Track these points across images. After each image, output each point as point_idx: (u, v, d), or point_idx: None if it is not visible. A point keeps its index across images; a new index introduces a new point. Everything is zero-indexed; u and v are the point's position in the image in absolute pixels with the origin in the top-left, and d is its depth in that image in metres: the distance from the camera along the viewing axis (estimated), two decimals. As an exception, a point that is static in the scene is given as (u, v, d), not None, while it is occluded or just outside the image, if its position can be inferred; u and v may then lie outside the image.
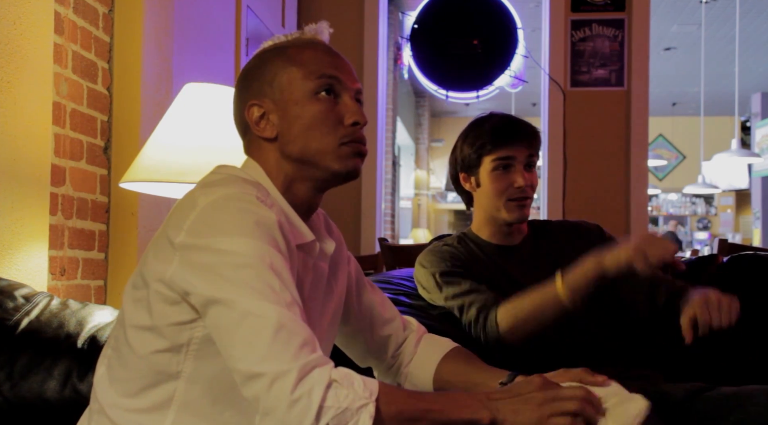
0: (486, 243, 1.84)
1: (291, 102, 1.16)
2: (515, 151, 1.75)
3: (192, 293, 1.03)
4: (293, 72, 1.17)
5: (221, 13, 3.20)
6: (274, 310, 0.98)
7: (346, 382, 0.97)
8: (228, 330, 0.99)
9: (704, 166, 9.56)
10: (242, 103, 1.21)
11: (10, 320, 1.55)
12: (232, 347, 0.99)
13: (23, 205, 1.81)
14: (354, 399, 0.96)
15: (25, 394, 1.51)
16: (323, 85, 1.17)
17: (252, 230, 1.03)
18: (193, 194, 1.09)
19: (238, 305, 0.99)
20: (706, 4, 6.85)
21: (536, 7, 5.09)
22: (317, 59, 1.18)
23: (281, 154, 1.18)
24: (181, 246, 1.04)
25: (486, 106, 7.77)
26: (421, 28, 4.59)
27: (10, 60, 1.77)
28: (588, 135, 4.21)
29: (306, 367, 0.96)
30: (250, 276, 1.00)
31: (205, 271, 1.01)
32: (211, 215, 1.04)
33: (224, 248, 1.01)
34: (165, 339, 1.08)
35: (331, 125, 1.16)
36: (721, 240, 3.10)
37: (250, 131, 1.21)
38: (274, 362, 0.96)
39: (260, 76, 1.19)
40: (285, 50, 1.20)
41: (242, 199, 1.05)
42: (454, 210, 12.82)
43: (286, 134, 1.17)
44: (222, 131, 1.88)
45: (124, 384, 1.11)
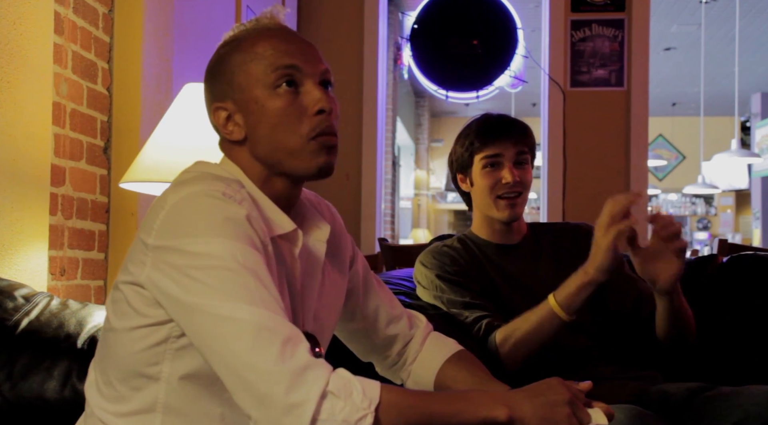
0: (486, 242, 1.84)
1: (252, 101, 1.10)
2: (502, 148, 1.76)
3: (165, 298, 1.01)
4: (250, 67, 1.10)
5: (221, 13, 3.20)
6: (250, 312, 0.96)
7: (343, 392, 0.95)
8: (207, 336, 0.97)
9: (704, 166, 9.56)
10: (208, 106, 1.16)
11: (10, 320, 1.55)
12: (213, 354, 0.97)
13: (23, 205, 1.81)
14: (351, 411, 0.94)
15: (25, 394, 1.51)
16: (281, 78, 1.09)
17: (221, 228, 1.00)
18: (164, 193, 1.07)
19: (213, 310, 0.96)
20: (706, 4, 6.85)
21: (536, 7, 5.09)
22: (272, 49, 1.10)
23: (253, 156, 1.13)
24: (153, 247, 1.02)
25: (486, 107, 7.76)
26: (421, 28, 4.58)
27: (10, 60, 1.77)
28: (588, 135, 4.21)
29: (297, 370, 0.94)
30: (222, 278, 0.97)
31: (177, 275, 0.99)
32: (178, 215, 1.01)
33: (193, 250, 0.98)
34: (142, 340, 1.06)
35: (294, 120, 1.09)
36: (720, 240, 3.10)
37: (221, 135, 1.16)
38: (259, 367, 0.94)
39: (220, 74, 1.14)
40: (239, 43, 1.13)
41: (209, 195, 1.02)
42: (454, 210, 12.82)
43: (253, 135, 1.12)
44: (222, 131, 1.89)
45: (109, 389, 1.10)
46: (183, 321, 1.01)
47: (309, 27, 4.29)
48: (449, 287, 1.75)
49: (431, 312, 1.77)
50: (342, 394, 0.95)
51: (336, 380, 0.96)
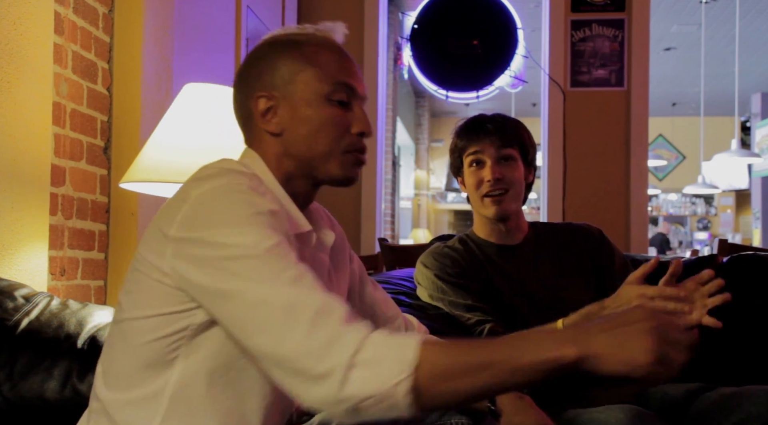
0: (486, 243, 1.84)
1: (303, 102, 1.15)
2: (482, 146, 1.77)
3: (194, 287, 1.02)
4: (308, 72, 1.16)
5: (221, 13, 3.20)
6: (280, 293, 0.97)
7: (373, 361, 0.92)
8: (240, 322, 0.98)
9: (704, 166, 9.55)
10: (249, 92, 1.18)
11: (10, 320, 1.55)
12: (248, 338, 0.98)
13: (23, 205, 1.81)
14: (383, 380, 0.92)
15: (25, 394, 1.51)
16: (337, 92, 1.16)
17: (246, 219, 1.01)
18: (185, 187, 1.08)
19: (245, 297, 0.97)
20: (706, 4, 6.85)
21: (536, 7, 5.09)
22: (334, 63, 1.17)
23: (284, 150, 1.17)
24: (175, 239, 1.03)
25: (486, 107, 7.76)
26: (421, 28, 4.58)
27: (10, 60, 1.77)
28: (588, 135, 4.21)
29: (326, 341, 0.93)
30: (252, 266, 0.98)
31: (206, 265, 1.00)
32: (204, 207, 1.03)
33: (221, 240, 1.00)
34: (161, 328, 1.06)
35: (339, 132, 1.16)
36: (721, 240, 3.10)
37: (254, 122, 1.19)
38: (290, 344, 0.94)
39: (272, 68, 1.17)
40: (300, 46, 1.17)
41: (234, 189, 1.04)
42: (454, 210, 12.82)
43: (293, 132, 1.16)
44: (222, 131, 1.88)
45: (116, 379, 1.11)
46: (215, 309, 1.01)
47: (309, 27, 4.29)
48: (451, 289, 1.75)
49: (431, 312, 1.77)
50: (371, 363, 0.93)
51: (368, 347, 0.94)
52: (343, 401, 0.93)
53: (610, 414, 1.41)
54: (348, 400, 0.92)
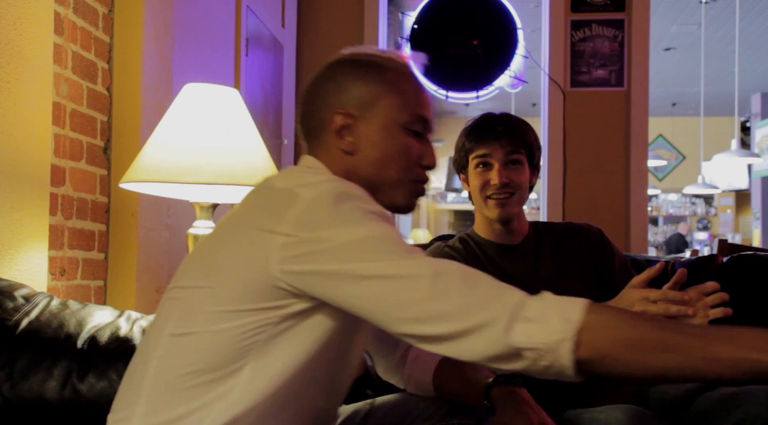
0: (487, 242, 1.84)
1: (380, 126, 1.17)
2: (491, 149, 1.77)
3: (322, 281, 1.00)
4: (391, 98, 1.18)
5: (221, 13, 3.20)
6: (422, 264, 0.98)
7: (540, 316, 0.93)
8: (386, 300, 0.98)
9: (704, 166, 9.56)
10: (326, 105, 1.19)
11: (10, 320, 1.55)
12: (397, 313, 0.98)
13: (23, 205, 1.81)
14: (548, 333, 0.92)
15: (25, 394, 1.51)
16: (415, 124, 1.19)
17: (370, 218, 1.02)
18: (286, 187, 1.06)
19: (388, 272, 0.98)
20: (706, 4, 6.85)
21: (536, 7, 5.09)
22: (415, 94, 1.20)
23: (351, 169, 1.18)
24: (292, 236, 1.01)
25: (486, 107, 7.75)
26: (421, 28, 4.58)
27: (10, 60, 1.77)
28: (588, 135, 4.21)
29: (486, 296, 0.95)
30: (384, 247, 0.99)
31: (338, 257, 0.99)
32: (323, 207, 1.02)
33: (349, 236, 1.00)
34: (228, 336, 1.04)
35: (410, 162, 1.18)
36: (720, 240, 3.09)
37: (325, 135, 1.19)
38: (448, 305, 0.95)
39: (353, 87, 1.19)
40: (385, 71, 1.20)
41: (351, 192, 1.05)
42: (454, 210, 12.82)
43: (365, 154, 1.18)
44: (222, 131, 1.88)
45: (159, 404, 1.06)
46: (350, 297, 1.00)
47: (309, 27, 4.29)
48: None
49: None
50: (539, 318, 0.94)
51: (532, 305, 0.95)
52: (508, 348, 0.93)
53: (610, 414, 1.41)
54: (512, 347, 0.93)
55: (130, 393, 1.09)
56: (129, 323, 1.65)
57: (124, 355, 1.56)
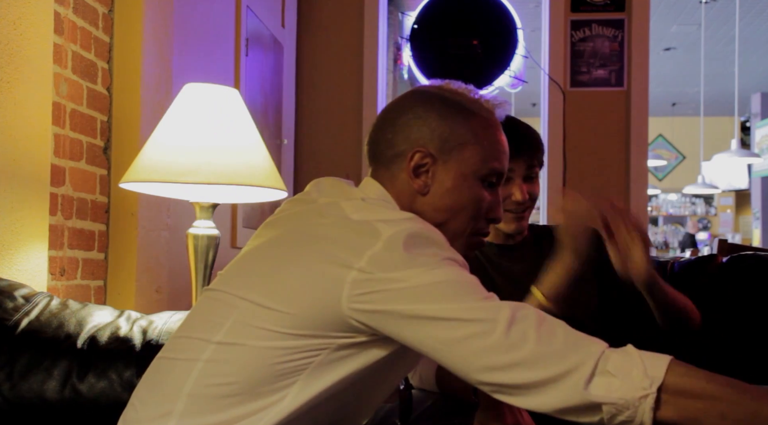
0: (487, 243, 1.84)
1: (459, 174, 1.15)
2: (514, 165, 1.73)
3: (393, 320, 0.99)
4: (474, 148, 1.16)
5: (221, 13, 3.20)
6: (500, 308, 0.96)
7: (621, 370, 0.92)
8: (459, 343, 0.95)
9: (704, 166, 9.56)
10: (406, 140, 1.16)
11: (10, 320, 1.55)
12: (466, 359, 0.96)
13: (23, 205, 1.81)
14: (629, 389, 0.91)
15: (25, 394, 1.51)
16: (490, 176, 1.17)
17: (447, 262, 1.01)
18: (363, 219, 1.04)
19: (460, 316, 0.95)
20: (706, 4, 6.85)
21: (536, 7, 5.09)
22: (497, 146, 1.18)
23: (419, 210, 1.15)
24: (367, 273, 0.99)
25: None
26: (421, 28, 4.58)
27: (10, 60, 1.77)
28: (588, 135, 4.21)
29: (566, 344, 0.93)
30: (458, 289, 0.97)
31: (410, 298, 0.97)
32: (403, 247, 1.00)
33: (426, 277, 0.98)
34: (281, 358, 1.02)
35: (474, 213, 1.16)
36: (720, 240, 3.10)
37: (399, 168, 1.16)
38: (526, 352, 0.93)
39: (438, 127, 1.15)
40: (474, 117, 1.17)
41: (432, 236, 1.03)
42: (453, 210, 12.80)
43: (436, 198, 1.15)
44: (222, 131, 1.88)
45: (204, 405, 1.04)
46: (425, 335, 0.98)
47: (309, 27, 4.29)
48: None
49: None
50: (619, 372, 0.92)
51: (614, 358, 0.93)
52: (585, 401, 0.91)
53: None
54: (590, 401, 0.91)
55: (169, 392, 1.06)
56: (129, 323, 1.65)
57: (124, 355, 1.56)
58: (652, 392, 0.90)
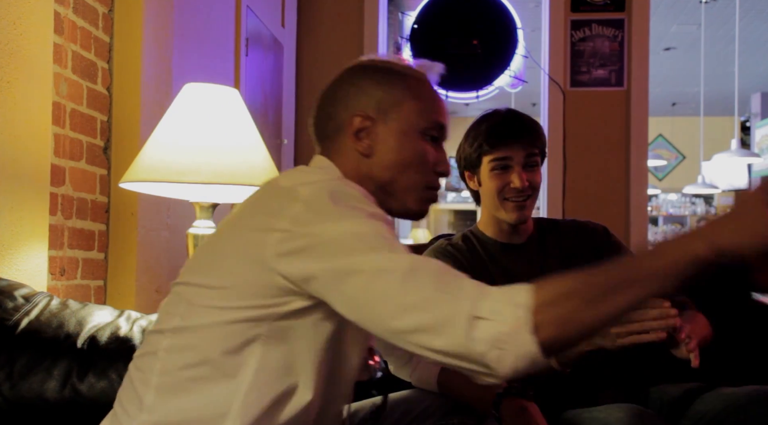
0: (491, 241, 1.83)
1: (399, 131, 1.19)
2: (512, 152, 1.73)
3: (307, 275, 1.01)
4: (411, 104, 1.20)
5: (221, 13, 3.20)
6: (400, 259, 0.97)
7: (492, 312, 0.92)
8: (363, 295, 0.97)
9: (704, 166, 9.55)
10: (345, 108, 1.20)
11: (10, 320, 1.55)
12: (373, 309, 0.97)
13: (23, 205, 1.81)
14: (504, 327, 0.91)
15: (25, 394, 1.51)
16: (432, 130, 1.20)
17: (361, 214, 1.03)
18: (289, 186, 1.07)
19: (365, 267, 0.97)
20: (706, 4, 6.85)
21: (536, 7, 5.09)
22: (434, 101, 1.22)
23: (367, 172, 1.19)
24: (288, 232, 1.02)
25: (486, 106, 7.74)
26: (421, 28, 4.58)
27: (10, 60, 1.77)
28: (588, 135, 4.21)
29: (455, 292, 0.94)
30: (366, 241, 0.99)
31: (323, 252, 1.00)
32: (319, 204, 1.03)
33: (338, 229, 1.00)
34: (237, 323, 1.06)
35: (425, 168, 1.20)
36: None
37: (342, 137, 1.20)
38: (417, 298, 0.94)
39: (373, 91, 1.20)
40: (405, 78, 1.22)
41: (348, 191, 1.06)
42: (454, 210, 12.82)
43: (382, 158, 1.19)
44: (222, 131, 1.88)
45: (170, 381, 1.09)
46: (333, 292, 1.00)
47: (309, 27, 4.29)
48: None
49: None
50: (490, 314, 0.92)
51: (484, 302, 0.94)
52: (473, 345, 0.91)
53: (611, 414, 1.41)
54: (477, 343, 0.91)
55: (139, 385, 1.11)
56: (129, 323, 1.65)
57: (124, 355, 1.56)
58: (525, 318, 0.91)
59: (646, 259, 0.93)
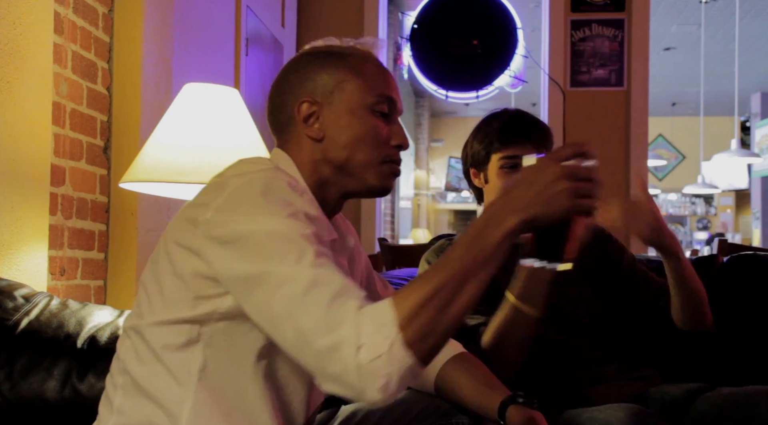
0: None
1: (347, 111, 1.19)
2: (522, 150, 1.72)
3: (222, 271, 1.03)
4: (354, 82, 1.19)
5: (221, 13, 3.20)
6: (302, 272, 0.97)
7: (370, 338, 0.94)
8: (267, 305, 0.98)
9: (704, 166, 9.56)
10: (291, 97, 1.21)
11: (9, 320, 1.55)
12: (276, 327, 0.98)
13: (23, 205, 1.81)
14: (378, 348, 0.93)
15: (25, 394, 1.51)
16: (380, 104, 1.20)
17: (281, 210, 1.03)
18: (225, 178, 1.09)
19: (271, 277, 0.98)
20: (706, 4, 6.85)
21: (536, 7, 5.09)
22: (379, 76, 1.21)
23: (322, 156, 1.19)
24: (209, 221, 1.04)
25: (486, 106, 7.75)
26: (421, 28, 4.59)
27: (10, 60, 1.77)
28: (588, 135, 4.21)
29: (343, 318, 0.94)
30: (278, 247, 0.99)
31: (235, 247, 1.01)
32: (242, 195, 1.04)
33: (253, 226, 1.01)
34: (184, 315, 1.09)
35: (379, 142, 1.19)
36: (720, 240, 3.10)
37: (294, 126, 1.21)
38: (310, 318, 0.95)
39: (316, 76, 1.20)
40: (345, 58, 1.21)
41: (274, 184, 1.06)
42: (453, 210, 12.82)
43: (334, 139, 1.19)
44: (222, 131, 1.88)
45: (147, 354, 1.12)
46: (243, 295, 1.02)
47: (309, 27, 4.30)
48: None
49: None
50: (370, 339, 0.94)
51: (361, 325, 0.95)
52: (360, 372, 0.92)
53: (611, 414, 1.41)
54: (364, 371, 0.92)
55: (110, 387, 1.17)
56: (129, 323, 1.65)
57: (124, 355, 1.56)
58: (397, 337, 0.93)
59: (473, 248, 0.99)
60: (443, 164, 11.49)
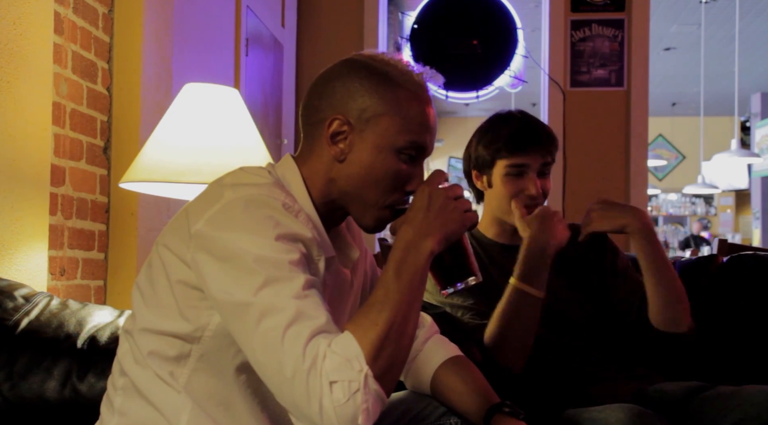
0: (491, 242, 1.83)
1: (374, 145, 1.14)
2: (530, 159, 1.72)
3: (203, 285, 1.05)
4: (392, 119, 1.14)
5: (221, 13, 3.20)
6: (285, 304, 0.99)
7: (343, 375, 0.97)
8: (249, 339, 1.00)
9: (704, 166, 9.56)
10: (329, 108, 1.17)
11: (9, 320, 1.55)
12: (257, 359, 1.00)
13: (23, 205, 1.81)
14: (352, 382, 0.97)
15: (25, 394, 1.51)
16: (409, 149, 1.16)
17: (270, 231, 1.03)
18: (221, 186, 1.09)
19: (254, 308, 0.99)
20: (706, 4, 6.85)
21: (536, 7, 5.09)
22: (419, 118, 1.16)
23: (335, 176, 1.17)
24: (199, 232, 1.05)
25: (486, 106, 7.74)
26: (421, 28, 4.58)
27: (10, 60, 1.77)
28: (588, 135, 4.21)
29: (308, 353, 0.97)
30: (263, 272, 1.00)
31: (216, 267, 1.02)
32: (235, 211, 1.05)
33: (241, 245, 1.01)
34: (175, 328, 1.10)
35: (392, 187, 1.16)
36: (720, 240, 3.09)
37: (320, 134, 1.17)
38: (291, 363, 0.97)
39: (359, 96, 1.15)
40: (396, 89, 1.15)
41: (269, 203, 1.06)
42: (453, 210, 12.79)
43: (351, 168, 1.15)
44: (222, 131, 1.88)
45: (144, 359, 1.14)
46: (223, 315, 1.05)
47: (309, 27, 4.30)
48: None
49: (431, 312, 1.77)
50: (343, 376, 0.97)
51: (329, 361, 0.97)
52: (340, 411, 0.95)
53: (610, 414, 1.41)
54: (344, 410, 0.95)
55: (110, 388, 1.18)
56: (129, 323, 1.65)
57: (124, 355, 1.56)
58: (366, 370, 0.97)
59: (404, 277, 1.06)
60: (443, 164, 11.49)
